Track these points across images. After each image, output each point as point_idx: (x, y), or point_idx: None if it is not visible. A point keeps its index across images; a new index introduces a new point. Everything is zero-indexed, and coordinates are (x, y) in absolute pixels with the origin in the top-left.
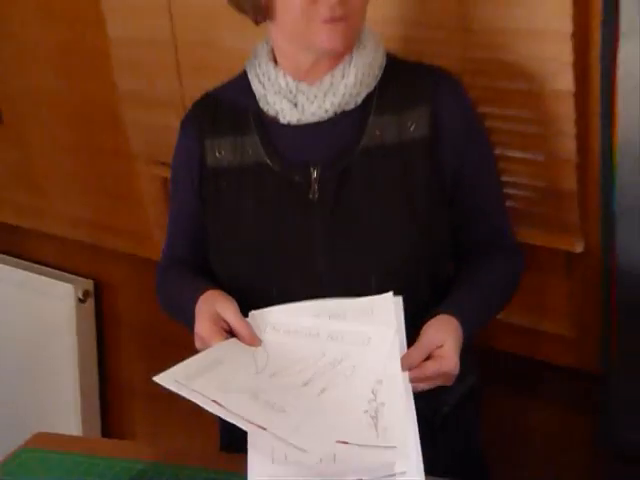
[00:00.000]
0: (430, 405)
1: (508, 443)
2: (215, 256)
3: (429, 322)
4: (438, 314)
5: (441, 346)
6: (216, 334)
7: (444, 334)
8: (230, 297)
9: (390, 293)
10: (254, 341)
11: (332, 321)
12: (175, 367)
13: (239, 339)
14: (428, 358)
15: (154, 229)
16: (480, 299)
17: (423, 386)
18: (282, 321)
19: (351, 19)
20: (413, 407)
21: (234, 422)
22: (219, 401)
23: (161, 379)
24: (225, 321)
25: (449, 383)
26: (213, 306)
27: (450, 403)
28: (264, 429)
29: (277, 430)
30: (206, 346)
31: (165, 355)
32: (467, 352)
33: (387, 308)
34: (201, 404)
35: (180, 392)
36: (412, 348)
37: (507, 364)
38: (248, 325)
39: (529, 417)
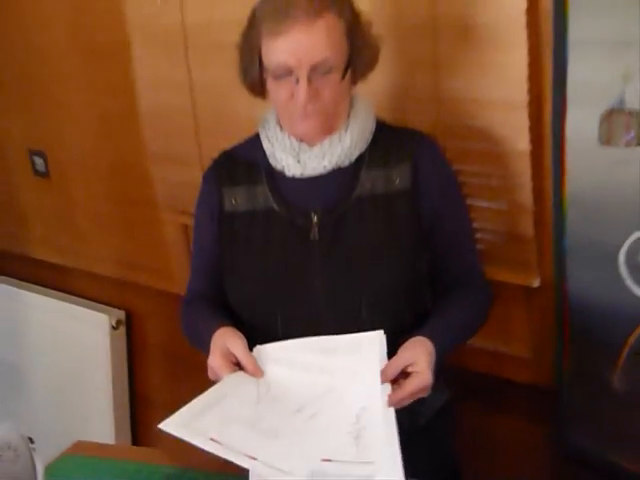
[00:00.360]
0: (408, 417)
1: (477, 449)
2: (229, 287)
3: (405, 343)
4: (413, 336)
5: (414, 363)
6: (225, 367)
7: (416, 353)
8: (240, 334)
9: (375, 332)
10: (257, 373)
11: (324, 357)
12: (182, 409)
13: (245, 371)
14: (405, 374)
15: (176, 267)
16: (452, 326)
17: (408, 401)
18: (282, 356)
19: (324, 112)
20: (395, 426)
21: (229, 458)
22: (216, 438)
23: (165, 425)
24: (234, 355)
25: (426, 394)
26: (224, 342)
27: (426, 415)
28: (255, 459)
29: (267, 457)
30: (217, 377)
31: (186, 375)
32: (441, 371)
33: (373, 344)
34: (200, 446)
35: (181, 436)
36: (388, 364)
37: (476, 381)
38: (253, 359)
39: (495, 426)
